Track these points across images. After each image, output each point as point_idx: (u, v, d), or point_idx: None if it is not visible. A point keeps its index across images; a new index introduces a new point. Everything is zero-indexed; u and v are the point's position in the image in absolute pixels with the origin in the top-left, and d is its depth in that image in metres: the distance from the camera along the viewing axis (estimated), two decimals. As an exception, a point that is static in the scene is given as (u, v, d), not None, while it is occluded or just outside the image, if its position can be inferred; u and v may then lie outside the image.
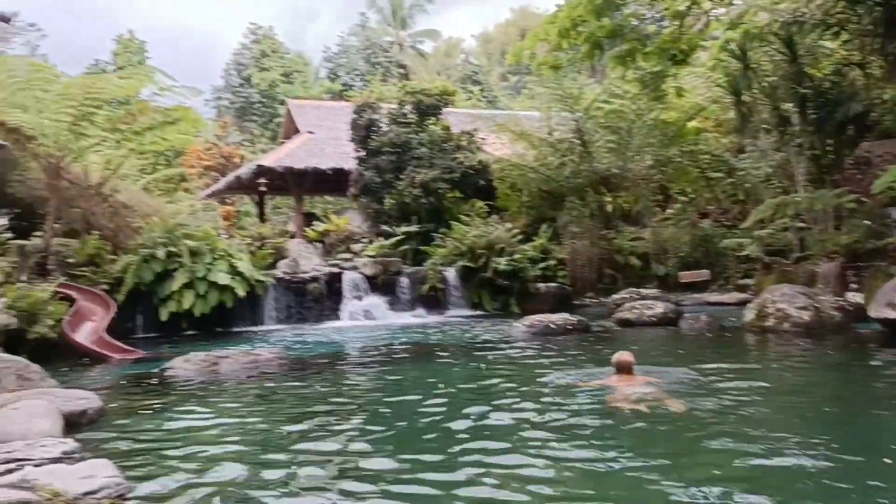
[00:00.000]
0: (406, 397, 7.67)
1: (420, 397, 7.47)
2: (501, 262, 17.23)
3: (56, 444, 4.29)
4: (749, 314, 11.92)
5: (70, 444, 4.36)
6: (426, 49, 54.74)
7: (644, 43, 14.16)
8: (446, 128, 21.40)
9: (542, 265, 18.37)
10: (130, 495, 3.94)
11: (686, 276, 18.42)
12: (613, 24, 13.76)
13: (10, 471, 3.87)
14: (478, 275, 17.55)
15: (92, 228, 15.34)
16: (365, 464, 5.14)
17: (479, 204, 20.62)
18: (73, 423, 5.75)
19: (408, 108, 21.71)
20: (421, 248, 19.41)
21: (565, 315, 13.15)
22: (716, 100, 19.66)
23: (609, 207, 20.64)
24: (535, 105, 24.74)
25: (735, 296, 16.51)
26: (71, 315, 12.02)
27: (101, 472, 3.70)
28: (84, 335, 11.94)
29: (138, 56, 42.31)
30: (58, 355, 11.17)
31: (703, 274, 18.46)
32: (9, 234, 18.95)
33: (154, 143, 17.01)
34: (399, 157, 20.36)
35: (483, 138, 22.08)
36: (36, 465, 3.98)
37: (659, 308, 13.57)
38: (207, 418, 6.90)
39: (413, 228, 19.79)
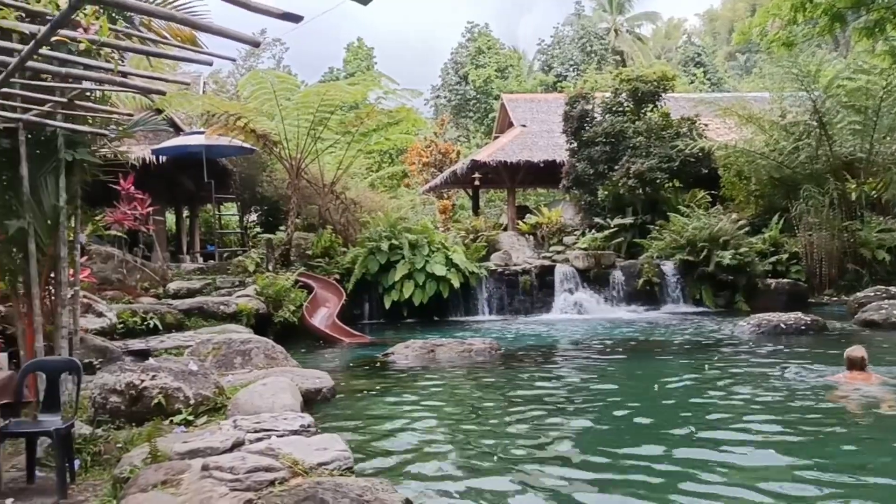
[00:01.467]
0: (619, 394, 7.48)
1: (635, 394, 7.26)
2: (726, 256, 16.13)
3: (296, 418, 4.76)
4: None
5: (307, 418, 4.82)
6: (644, 33, 52.78)
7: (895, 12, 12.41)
8: (665, 115, 20.46)
9: (772, 259, 16.93)
10: (357, 467, 4.27)
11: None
12: (858, -7, 12.22)
13: (259, 439, 4.36)
14: (698, 269, 16.60)
15: (326, 223, 16.80)
16: (573, 453, 5.12)
17: (701, 194, 19.47)
18: (309, 400, 6.34)
19: (623, 96, 21.08)
20: (636, 240, 18.79)
21: (798, 314, 11.98)
22: None
23: (853, 195, 18.43)
24: (766, 85, 22.80)
25: None
26: (309, 302, 13.28)
27: (333, 446, 4.04)
28: (320, 320, 13.13)
29: (366, 62, 45.58)
30: (296, 337, 12.42)
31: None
32: (259, 229, 21.46)
33: (379, 143, 18.21)
34: (613, 148, 19.85)
35: (706, 124, 20.79)
36: (279, 436, 4.45)
37: (913, 308, 11.89)
38: (425, 400, 7.28)
39: (628, 220, 19.22)
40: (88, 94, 5.80)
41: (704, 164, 19.54)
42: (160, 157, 17.02)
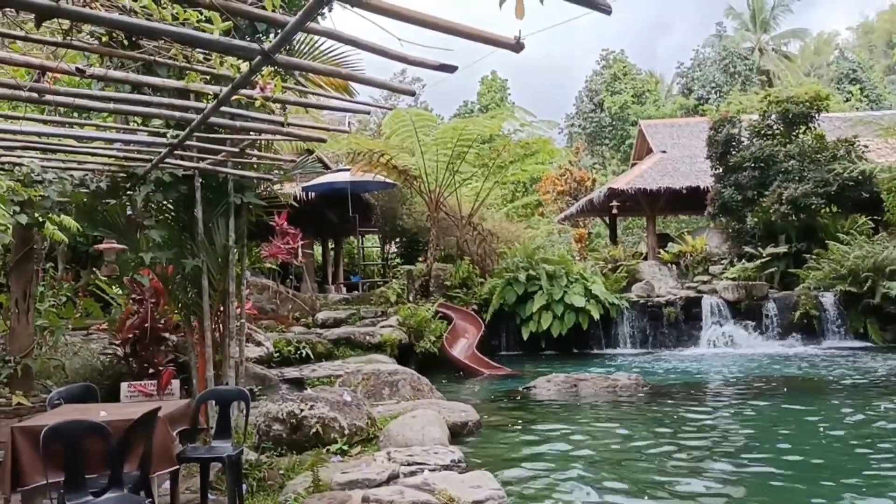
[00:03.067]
0: (777, 438, 7.00)
1: (795, 438, 6.77)
2: (894, 287, 14.77)
3: (447, 452, 4.85)
4: None
5: (457, 452, 4.89)
6: (792, 50, 49.94)
7: None
8: (819, 136, 19.18)
9: (948, 290, 15.30)
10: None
11: None
12: None
13: (412, 472, 4.48)
14: (862, 301, 15.29)
15: (463, 254, 17.07)
16: (726, 497, 4.83)
17: (862, 219, 17.99)
18: (455, 433, 6.43)
19: (772, 118, 19.99)
20: (790, 270, 17.62)
21: None
22: None
23: None
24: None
25: None
26: (449, 332, 13.49)
27: (486, 483, 4.08)
28: (459, 350, 13.30)
29: (500, 94, 46.16)
30: (436, 367, 12.64)
31: None
32: (398, 260, 22.15)
33: (516, 174, 18.34)
34: (763, 173, 18.82)
35: (865, 145, 19.27)
36: (431, 470, 4.54)
37: None
38: (569, 436, 7.16)
39: (781, 249, 18.06)
40: (255, 142, 6.27)
41: (865, 188, 18.06)
42: (309, 193, 18.06)
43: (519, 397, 9.98)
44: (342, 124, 23.01)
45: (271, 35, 6.30)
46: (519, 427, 7.73)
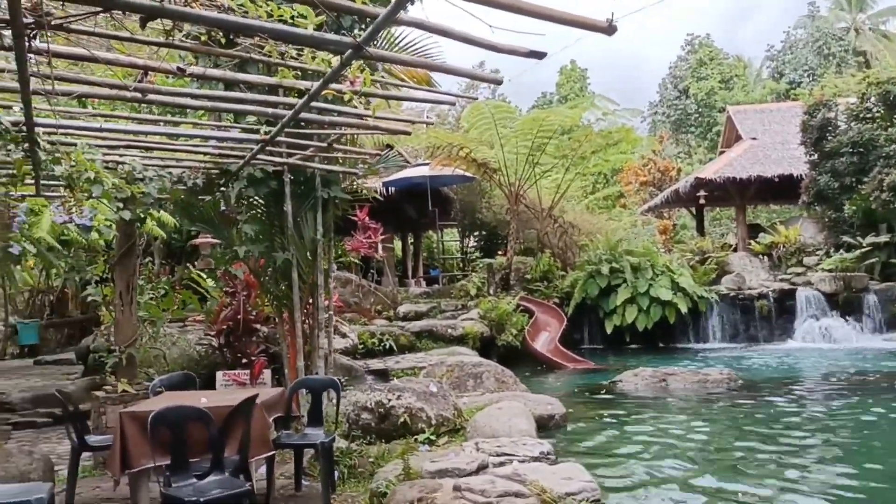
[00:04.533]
0: (880, 437, 6.62)
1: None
2: None
3: (535, 444, 4.81)
4: None
5: (546, 445, 4.85)
6: (891, 29, 47.00)
7: None
8: (925, 118, 17.99)
9: None
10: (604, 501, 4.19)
11: None
12: None
13: (501, 463, 4.47)
14: (975, 293, 14.29)
15: (544, 247, 16.91)
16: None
17: (973, 206, 16.78)
18: (541, 426, 6.37)
19: (872, 100, 18.87)
20: (892, 260, 16.62)
21: None
22: None
23: None
24: None
25: None
26: (530, 326, 13.41)
27: (578, 476, 4.02)
28: (541, 344, 13.20)
29: (579, 83, 45.42)
30: (518, 361, 12.57)
31: None
32: (478, 254, 22.17)
33: (598, 165, 18.03)
34: (862, 158, 17.80)
35: (979, 125, 17.95)
36: (520, 461, 4.51)
37: None
38: (659, 432, 6.99)
39: (882, 238, 17.05)
40: (341, 137, 6.38)
41: (977, 172, 16.82)
42: (389, 188, 18.28)
43: (604, 392, 9.82)
44: (421, 118, 23.22)
45: (355, 30, 6.41)
46: (606, 421, 7.61)
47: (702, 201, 24.18)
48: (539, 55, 3.36)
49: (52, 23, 3.01)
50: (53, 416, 9.00)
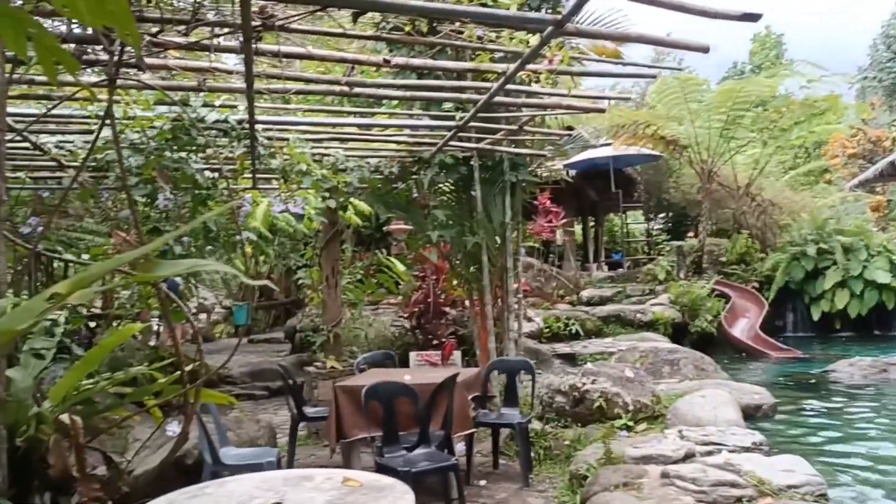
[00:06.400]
0: None
1: None
2: None
3: (746, 434, 4.53)
4: None
5: (758, 435, 4.54)
6: None
7: None
8: None
9: None
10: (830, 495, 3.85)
11: None
12: None
13: (709, 452, 4.25)
14: None
15: (740, 227, 15.83)
16: None
17: None
18: (748, 416, 5.98)
19: None
20: None
21: None
22: None
23: None
24: None
25: None
26: (727, 311, 12.64)
27: (799, 468, 3.73)
28: (740, 331, 12.40)
29: (775, 50, 41.89)
30: (713, 348, 11.87)
31: None
32: (665, 236, 21.27)
33: (801, 137, 16.55)
34: None
35: None
36: (730, 451, 4.26)
37: None
38: (881, 425, 6.31)
39: None
40: (530, 119, 6.36)
41: None
42: (568, 171, 18.02)
43: (813, 381, 9.03)
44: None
45: (542, 10, 6.35)
46: (819, 412, 7.00)
47: (927, 173, 21.42)
48: (753, 17, 3.13)
49: (276, 24, 3.26)
50: (269, 390, 9.91)
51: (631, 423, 5.39)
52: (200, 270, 6.81)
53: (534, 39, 3.62)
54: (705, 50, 3.81)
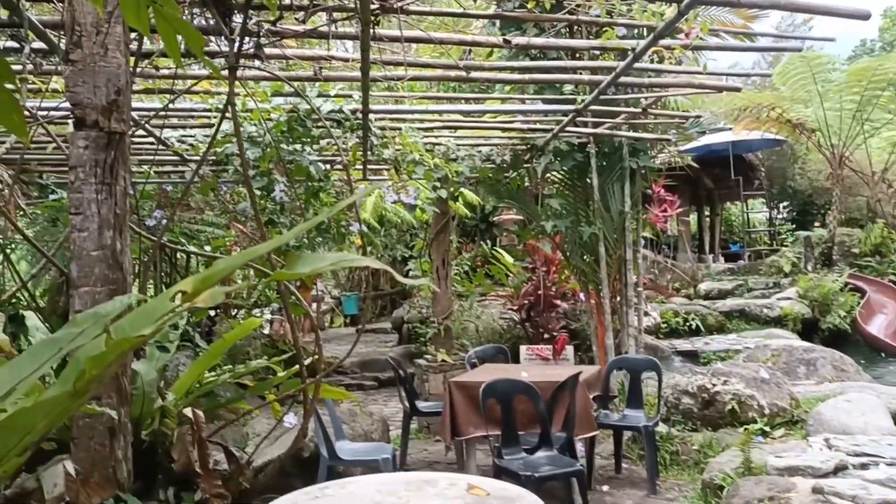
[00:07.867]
0: None
1: None
2: None
3: (905, 446, 4.03)
4: None
5: (922, 449, 4.03)
6: None
7: None
8: None
9: None
10: None
11: None
12: None
13: (864, 465, 3.80)
14: None
15: (875, 216, 14.57)
16: None
17: None
18: (900, 424, 5.39)
19: None
20: None
21: None
22: None
23: None
24: None
25: None
26: (862, 307, 11.64)
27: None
28: (878, 328, 11.39)
29: (908, 25, 38.53)
30: (846, 346, 10.94)
31: None
32: (789, 226, 19.95)
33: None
34: None
35: None
36: (888, 464, 3.80)
37: None
38: None
39: None
40: (657, 101, 5.97)
41: None
42: (684, 157, 17.19)
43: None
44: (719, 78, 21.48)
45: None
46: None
47: None
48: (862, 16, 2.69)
49: (395, 5, 3.11)
50: (378, 380, 9.96)
51: (767, 429, 4.96)
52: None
53: (670, 11, 3.31)
54: (866, 17, 3.37)
